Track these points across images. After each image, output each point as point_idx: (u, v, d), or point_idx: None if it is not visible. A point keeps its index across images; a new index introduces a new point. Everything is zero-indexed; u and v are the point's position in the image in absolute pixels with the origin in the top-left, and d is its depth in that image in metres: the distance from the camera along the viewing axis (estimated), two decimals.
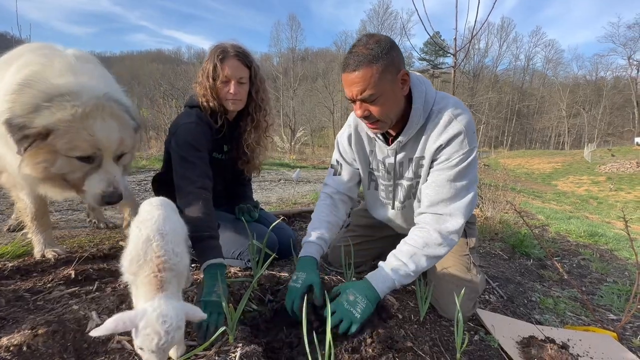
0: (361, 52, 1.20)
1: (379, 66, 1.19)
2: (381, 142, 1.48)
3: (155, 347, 0.76)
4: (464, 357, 1.24)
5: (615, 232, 4.95)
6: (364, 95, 1.23)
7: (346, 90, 1.27)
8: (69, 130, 1.14)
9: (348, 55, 1.24)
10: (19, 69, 1.24)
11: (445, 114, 1.32)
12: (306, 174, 9.13)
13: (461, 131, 1.28)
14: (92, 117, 1.16)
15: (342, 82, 1.29)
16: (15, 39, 4.09)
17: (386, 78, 1.22)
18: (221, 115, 1.68)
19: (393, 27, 47.82)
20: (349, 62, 1.22)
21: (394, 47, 1.23)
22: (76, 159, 1.19)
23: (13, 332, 0.98)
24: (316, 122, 49.75)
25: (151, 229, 0.93)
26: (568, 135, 51.63)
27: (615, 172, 21.27)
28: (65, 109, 1.13)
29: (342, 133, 1.63)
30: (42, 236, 1.64)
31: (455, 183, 1.30)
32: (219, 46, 1.64)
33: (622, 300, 2.02)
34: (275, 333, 1.21)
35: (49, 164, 1.19)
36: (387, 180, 1.58)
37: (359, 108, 1.28)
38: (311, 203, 3.91)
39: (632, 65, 44.66)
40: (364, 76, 1.20)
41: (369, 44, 1.21)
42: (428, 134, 1.35)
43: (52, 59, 1.27)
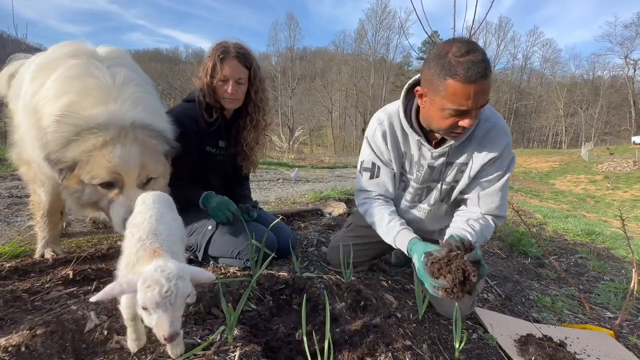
0: (482, 60, 1.14)
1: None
2: (426, 144, 1.44)
3: (159, 297, 0.69)
4: (462, 355, 1.25)
5: (612, 230, 4.97)
6: (484, 102, 1.20)
7: (465, 102, 1.17)
8: (89, 159, 1.19)
9: (467, 64, 1.13)
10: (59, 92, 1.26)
11: (496, 125, 1.39)
12: (305, 174, 9.13)
13: (509, 141, 1.39)
14: (111, 144, 1.19)
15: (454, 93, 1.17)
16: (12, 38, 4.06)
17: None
18: (216, 111, 1.72)
19: (391, 27, 47.95)
20: (473, 71, 1.12)
21: None
22: (99, 186, 1.23)
23: (11, 332, 0.98)
24: (314, 121, 49.75)
25: (144, 231, 0.89)
26: (565, 134, 51.86)
27: (612, 170, 21.38)
28: (89, 140, 1.18)
29: (374, 131, 1.54)
30: (48, 234, 1.66)
31: (502, 193, 1.46)
32: (221, 44, 1.66)
33: (619, 298, 2.03)
34: (274, 332, 1.21)
35: (80, 193, 1.26)
36: (420, 183, 1.55)
37: (473, 117, 1.22)
38: (310, 203, 3.91)
39: (629, 65, 44.90)
40: (489, 84, 1.18)
41: (479, 50, 1.16)
42: (475, 142, 1.40)
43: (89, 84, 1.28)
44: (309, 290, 1.46)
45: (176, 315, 0.72)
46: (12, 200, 2.85)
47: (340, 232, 2.01)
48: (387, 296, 1.58)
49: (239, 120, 1.81)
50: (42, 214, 1.62)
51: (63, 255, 1.65)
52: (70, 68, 1.31)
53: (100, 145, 1.18)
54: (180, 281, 0.72)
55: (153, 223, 0.92)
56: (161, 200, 1.07)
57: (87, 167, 1.20)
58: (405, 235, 1.44)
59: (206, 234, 1.71)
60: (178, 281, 0.72)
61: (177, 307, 0.72)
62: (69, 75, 1.29)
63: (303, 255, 2.02)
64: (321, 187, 5.59)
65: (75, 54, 1.36)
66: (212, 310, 1.25)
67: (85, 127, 1.19)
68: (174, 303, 0.71)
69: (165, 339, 0.71)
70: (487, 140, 1.38)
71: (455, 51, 1.15)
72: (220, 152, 1.82)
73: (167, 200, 1.12)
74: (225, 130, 1.81)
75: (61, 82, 1.28)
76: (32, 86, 1.32)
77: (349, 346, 1.13)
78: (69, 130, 1.19)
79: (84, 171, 1.20)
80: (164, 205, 1.06)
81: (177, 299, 0.71)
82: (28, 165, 1.54)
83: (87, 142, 1.18)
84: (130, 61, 1.54)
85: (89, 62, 1.35)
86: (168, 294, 0.70)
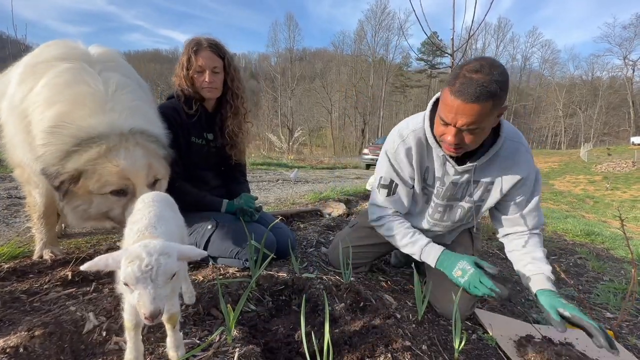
0: (483, 82, 1.09)
1: (495, 101, 1.12)
2: (451, 161, 1.42)
3: (139, 271, 0.67)
4: (461, 356, 1.24)
5: (612, 231, 4.98)
6: (470, 127, 1.16)
7: (448, 114, 1.17)
8: (96, 167, 1.16)
9: (465, 80, 1.11)
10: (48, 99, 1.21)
11: (521, 146, 1.40)
12: (304, 174, 9.13)
13: (532, 160, 1.42)
14: (115, 150, 1.18)
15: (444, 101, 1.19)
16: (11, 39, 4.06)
17: (494, 113, 1.16)
18: (195, 102, 1.79)
19: (390, 27, 47.95)
20: (466, 89, 1.10)
21: (508, 79, 1.15)
22: (110, 194, 1.20)
23: (9, 333, 0.98)
24: (314, 122, 49.76)
25: (142, 225, 0.88)
26: (564, 135, 51.94)
27: (611, 171, 21.39)
28: (91, 149, 1.16)
29: (395, 148, 1.49)
30: (46, 235, 1.65)
31: (537, 212, 1.50)
32: (193, 40, 1.74)
33: (619, 298, 2.03)
34: (273, 333, 1.21)
35: (87, 205, 1.21)
36: (441, 198, 1.54)
37: (453, 135, 1.20)
38: (309, 203, 3.91)
39: (628, 66, 44.97)
40: (479, 110, 1.12)
41: (493, 74, 1.10)
42: (500, 161, 1.40)
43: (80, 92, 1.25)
44: (309, 291, 1.46)
45: (159, 292, 0.69)
46: (11, 201, 2.84)
47: (344, 231, 2.01)
48: (386, 297, 1.58)
49: (221, 110, 1.89)
50: (39, 215, 1.61)
51: (62, 256, 1.65)
52: (60, 74, 1.26)
53: (104, 152, 1.16)
54: (163, 257, 0.70)
55: (152, 218, 0.91)
56: (160, 199, 1.06)
57: (94, 176, 1.16)
58: (431, 248, 1.50)
59: (205, 234, 1.71)
60: (160, 257, 0.70)
61: (158, 283, 0.69)
62: (59, 82, 1.25)
63: (302, 255, 2.02)
64: (321, 188, 5.60)
65: (65, 56, 1.33)
66: (211, 311, 1.25)
67: (85, 137, 1.16)
68: (155, 279, 0.68)
69: (147, 317, 0.67)
70: (513, 161, 1.39)
71: (468, 66, 1.14)
72: (207, 144, 1.88)
73: (166, 200, 1.11)
74: (210, 123, 1.89)
75: (51, 89, 1.24)
76: (21, 89, 1.29)
77: (349, 347, 1.13)
78: (67, 141, 1.15)
79: (91, 181, 1.17)
80: (164, 204, 1.05)
81: (158, 275, 0.69)
82: (21, 168, 1.52)
83: (89, 151, 1.15)
84: (122, 63, 1.52)
85: (80, 66, 1.31)
86: (148, 269, 0.68)
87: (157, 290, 0.69)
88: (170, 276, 0.72)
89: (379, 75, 48.58)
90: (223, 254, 1.69)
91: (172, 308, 0.90)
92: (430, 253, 1.49)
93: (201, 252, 0.81)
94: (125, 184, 1.20)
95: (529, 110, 57.67)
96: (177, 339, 0.95)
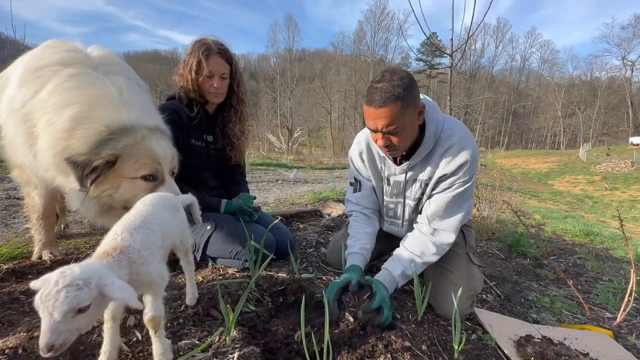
0: (386, 89, 1.25)
1: (404, 102, 1.26)
2: (390, 161, 1.56)
3: (39, 299, 0.61)
4: (461, 356, 1.24)
5: (611, 231, 4.99)
6: (388, 129, 1.30)
7: (370, 122, 1.33)
8: (133, 152, 1.23)
9: (372, 90, 1.28)
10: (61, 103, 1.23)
11: (454, 144, 1.43)
12: (304, 175, 9.13)
13: (467, 161, 1.41)
14: (148, 139, 1.27)
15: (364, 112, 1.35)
16: (10, 39, 4.05)
17: (408, 112, 1.30)
18: (197, 104, 1.79)
19: (390, 28, 48.00)
20: (374, 97, 1.27)
21: (413, 82, 1.30)
22: (141, 178, 1.26)
23: (8, 334, 0.98)
24: (313, 122, 49.75)
25: (121, 226, 0.85)
26: (564, 135, 52.02)
27: (610, 171, 21.45)
28: (128, 136, 1.23)
29: (353, 150, 1.69)
30: (45, 236, 1.65)
31: (452, 205, 1.49)
32: (202, 42, 1.73)
33: (618, 298, 2.03)
34: (273, 334, 1.21)
35: (114, 189, 1.25)
36: (390, 196, 1.67)
37: (381, 138, 1.35)
38: (309, 204, 3.91)
39: (627, 66, 45.07)
40: (390, 112, 1.26)
41: (393, 80, 1.26)
42: (436, 159, 1.47)
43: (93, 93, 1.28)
44: (308, 291, 1.46)
45: (57, 326, 0.61)
46: (10, 201, 2.84)
47: (341, 232, 2.01)
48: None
49: (224, 113, 1.90)
50: (38, 216, 1.61)
51: (61, 256, 1.65)
52: (67, 79, 1.28)
53: (140, 139, 1.24)
54: (67, 289, 0.61)
55: (136, 223, 0.87)
56: (159, 203, 1.03)
57: (131, 159, 1.22)
58: (349, 259, 1.55)
59: (205, 234, 1.71)
60: (65, 289, 0.61)
61: (55, 317, 0.61)
62: (68, 86, 1.27)
63: (302, 256, 2.02)
64: (320, 188, 5.59)
65: (67, 61, 1.33)
66: (210, 312, 1.25)
67: (118, 128, 1.22)
68: (52, 312, 0.61)
69: (40, 349, 0.61)
70: (444, 158, 1.45)
71: (374, 80, 1.31)
72: (207, 146, 1.88)
73: (168, 203, 1.09)
74: (210, 125, 1.89)
75: (61, 93, 1.25)
76: (22, 92, 1.29)
77: (348, 347, 1.13)
78: (101, 130, 1.20)
79: (127, 164, 1.22)
80: (161, 207, 1.02)
81: (55, 308, 0.61)
82: (21, 169, 1.52)
83: (126, 138, 1.22)
84: (123, 65, 1.53)
85: (85, 71, 1.33)
86: (47, 299, 0.61)
87: (54, 324, 0.61)
88: (73, 311, 0.62)
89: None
90: (222, 255, 1.69)
91: (152, 312, 0.86)
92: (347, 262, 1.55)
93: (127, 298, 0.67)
94: (156, 168, 1.28)
95: (528, 110, 57.76)
96: (162, 344, 0.90)
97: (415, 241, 1.53)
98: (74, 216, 2.65)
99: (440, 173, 1.46)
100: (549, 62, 57.42)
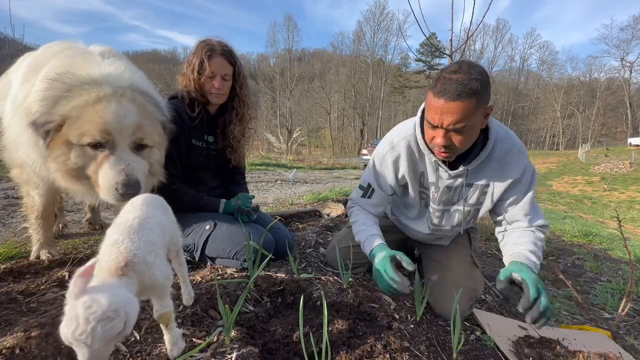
0: (464, 81, 1.12)
1: (479, 99, 1.15)
2: (444, 166, 1.43)
3: (72, 337, 0.62)
4: (460, 356, 1.24)
5: (609, 231, 4.99)
6: (456, 126, 1.17)
7: (434, 116, 1.19)
8: (80, 115, 1.07)
9: (446, 80, 1.15)
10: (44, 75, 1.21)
11: (513, 146, 1.39)
12: (303, 175, 9.13)
13: (527, 161, 1.39)
14: (105, 101, 1.09)
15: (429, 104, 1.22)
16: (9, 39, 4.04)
17: (479, 112, 1.19)
18: (198, 104, 1.79)
19: (389, 28, 47.99)
20: (448, 88, 1.14)
21: (489, 81, 1.19)
22: (87, 146, 1.10)
23: (5, 334, 0.97)
24: (313, 122, 49.75)
25: (120, 233, 0.82)
26: (562, 135, 52.15)
27: (608, 172, 21.49)
28: (81, 96, 1.08)
29: (383, 154, 1.52)
30: (43, 236, 1.64)
31: (534, 199, 1.44)
32: (206, 42, 1.73)
33: (616, 299, 2.04)
34: (271, 334, 1.21)
35: (65, 156, 1.12)
36: (437, 203, 1.55)
37: (442, 137, 1.21)
38: (308, 204, 3.91)
39: (625, 67, 45.18)
40: (463, 108, 1.14)
41: (472, 72, 1.14)
42: (495, 163, 1.39)
43: (75, 57, 1.24)
44: (307, 292, 1.45)
45: (97, 354, 0.64)
46: (8, 201, 2.83)
47: (342, 231, 2.01)
48: (385, 297, 1.57)
49: (225, 114, 1.89)
50: (36, 215, 1.60)
51: (59, 256, 1.64)
52: (61, 58, 1.25)
53: (93, 100, 1.08)
54: (102, 324, 0.62)
55: (133, 226, 0.85)
56: (150, 202, 1.00)
57: (76, 124, 1.07)
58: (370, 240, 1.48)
59: (203, 234, 1.70)
60: (99, 324, 0.62)
61: (95, 348, 0.63)
62: (59, 60, 1.24)
63: (301, 256, 2.02)
64: (319, 188, 5.60)
65: (64, 51, 1.33)
66: (209, 312, 1.24)
67: (77, 83, 1.09)
68: (91, 345, 0.62)
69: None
70: (506, 162, 1.38)
71: (447, 69, 1.19)
72: (208, 147, 1.88)
73: (157, 203, 1.05)
74: (212, 126, 1.89)
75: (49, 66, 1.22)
76: (24, 88, 1.28)
77: (347, 347, 1.13)
78: (60, 87, 1.09)
79: (71, 129, 1.07)
80: (153, 208, 0.99)
81: (94, 342, 0.62)
82: (21, 168, 1.51)
83: (78, 98, 1.07)
84: (124, 57, 1.52)
85: (76, 49, 1.32)
86: (82, 337, 0.62)
87: (94, 353, 0.63)
88: (110, 339, 0.65)
89: (378, 76, 48.65)
90: (221, 255, 1.69)
91: (162, 308, 0.89)
92: (368, 245, 1.49)
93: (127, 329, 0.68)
94: (105, 138, 1.10)
95: (527, 111, 57.88)
96: (173, 335, 0.94)
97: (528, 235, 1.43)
98: (72, 216, 2.64)
99: (509, 177, 1.39)
100: (548, 63, 57.62)
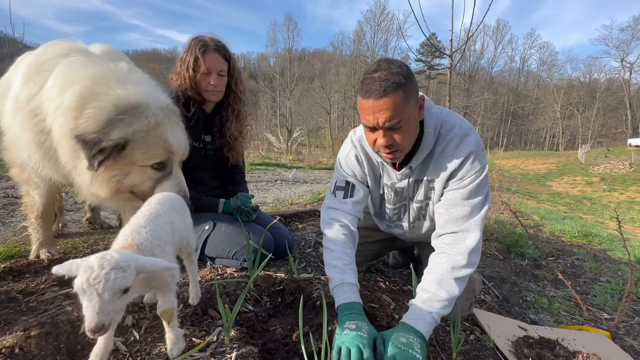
0: (385, 77, 1.12)
1: (406, 90, 1.14)
2: (390, 167, 1.42)
3: (87, 283, 0.65)
4: (459, 356, 1.24)
5: (609, 232, 5.00)
6: (391, 122, 1.15)
7: (368, 117, 1.17)
8: (146, 139, 1.19)
9: (369, 81, 1.15)
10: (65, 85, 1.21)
11: (454, 137, 1.31)
12: (303, 175, 9.13)
13: (472, 152, 1.28)
14: (162, 125, 1.23)
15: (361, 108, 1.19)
16: (8, 37, 4.04)
17: (410, 104, 1.17)
18: (194, 104, 1.76)
19: (389, 29, 47.97)
20: (372, 87, 1.13)
21: (411, 71, 1.18)
22: (151, 167, 1.24)
23: (5, 334, 0.97)
24: (313, 122, 49.72)
25: (130, 227, 0.88)
26: (562, 136, 52.15)
27: (608, 172, 21.50)
28: (140, 120, 1.18)
29: (347, 153, 1.50)
30: (42, 235, 1.64)
31: (469, 201, 1.29)
32: (199, 39, 1.70)
33: (616, 299, 2.04)
34: (271, 334, 1.21)
35: (123, 175, 1.22)
36: (393, 203, 1.55)
37: (383, 137, 1.19)
38: (308, 204, 3.91)
39: (625, 68, 45.16)
40: (392, 102, 1.12)
41: (391, 68, 1.14)
42: (438, 156, 1.34)
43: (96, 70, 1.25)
44: (306, 292, 1.45)
45: (104, 307, 0.66)
46: (8, 200, 2.83)
47: None
48: (384, 297, 1.57)
49: (222, 112, 1.87)
50: (36, 215, 1.60)
51: (58, 256, 1.64)
52: (70, 64, 1.28)
53: (154, 125, 1.20)
54: (115, 271, 0.67)
55: (142, 222, 0.91)
56: (164, 202, 1.06)
57: (143, 146, 1.19)
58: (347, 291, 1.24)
59: (203, 234, 1.70)
60: (112, 271, 0.66)
61: (105, 298, 0.66)
62: (72, 69, 1.26)
63: (301, 256, 2.02)
64: (319, 188, 5.60)
65: (69, 52, 1.34)
66: (208, 311, 1.24)
67: (129, 106, 1.17)
68: (102, 293, 0.65)
69: (88, 330, 0.65)
70: (446, 154, 1.32)
71: (367, 71, 1.19)
72: (205, 146, 1.87)
73: (173, 203, 1.11)
74: (208, 125, 1.87)
75: (64, 76, 1.24)
76: (27, 88, 1.29)
77: None
78: (110, 109, 1.15)
79: (138, 152, 1.19)
80: (167, 207, 1.05)
81: (105, 289, 0.65)
82: (21, 168, 1.52)
83: (138, 121, 1.17)
84: (125, 57, 1.54)
85: (87, 55, 1.33)
86: (96, 282, 0.65)
87: (103, 305, 0.66)
88: (120, 291, 0.68)
89: None
90: (221, 255, 1.69)
91: (165, 304, 0.90)
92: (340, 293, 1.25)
93: (166, 265, 0.77)
94: (168, 157, 1.26)
95: (527, 111, 57.90)
96: (175, 334, 0.95)
97: (440, 258, 1.28)
98: (72, 215, 2.64)
99: (447, 170, 1.32)
100: (548, 64, 57.58)
